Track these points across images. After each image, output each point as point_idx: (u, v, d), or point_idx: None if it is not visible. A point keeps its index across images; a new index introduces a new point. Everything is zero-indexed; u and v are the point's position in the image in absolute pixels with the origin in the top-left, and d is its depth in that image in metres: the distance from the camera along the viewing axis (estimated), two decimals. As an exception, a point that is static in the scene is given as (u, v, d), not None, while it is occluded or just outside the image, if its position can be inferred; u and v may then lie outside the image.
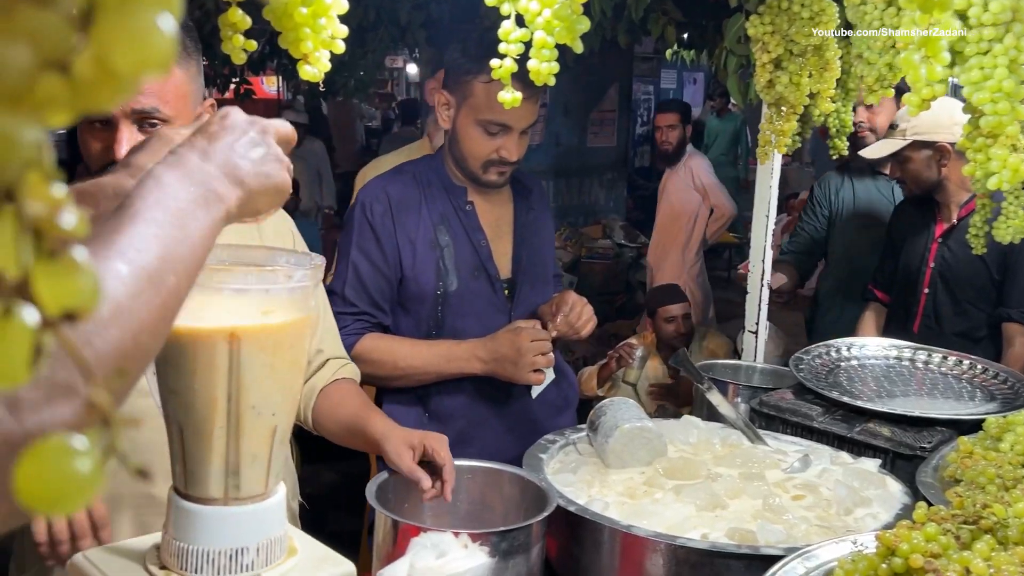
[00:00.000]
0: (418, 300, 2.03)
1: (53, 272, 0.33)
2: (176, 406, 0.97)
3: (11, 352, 0.33)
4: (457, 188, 2.06)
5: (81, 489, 0.34)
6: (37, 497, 0.33)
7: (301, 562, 1.05)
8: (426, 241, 2.01)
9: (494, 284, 2.07)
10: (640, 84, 9.06)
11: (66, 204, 0.33)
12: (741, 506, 1.60)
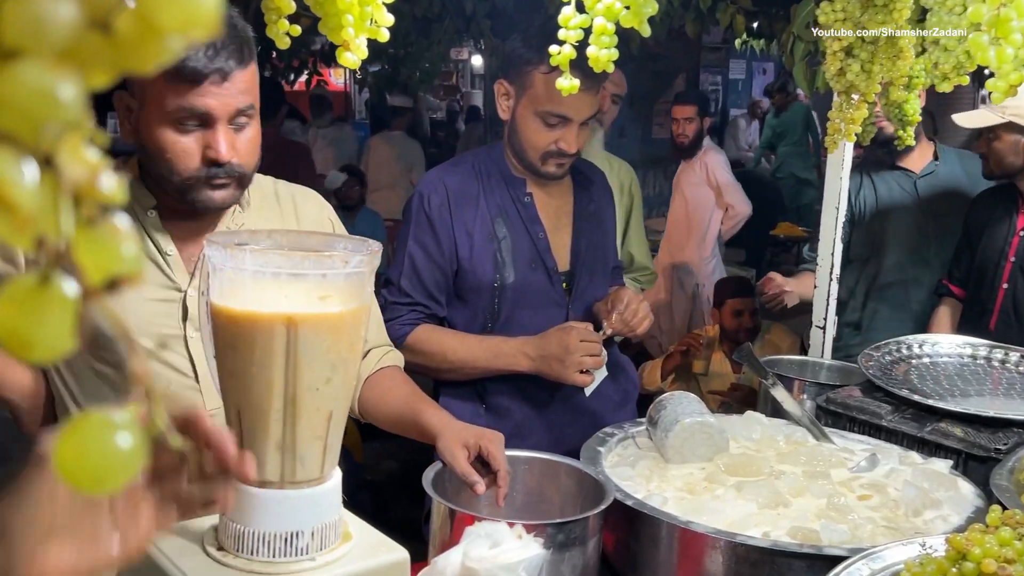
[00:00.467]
0: (475, 292, 2.02)
1: (94, 239, 0.33)
2: (234, 389, 0.98)
3: (52, 321, 0.32)
4: (516, 180, 2.05)
5: (123, 465, 0.34)
6: (78, 474, 0.33)
7: (355, 547, 1.05)
8: (484, 233, 2.01)
9: (552, 277, 2.06)
10: (708, 74, 8.93)
11: (105, 168, 0.32)
12: (804, 505, 1.56)
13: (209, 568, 0.98)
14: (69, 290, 0.33)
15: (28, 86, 0.30)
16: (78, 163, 0.32)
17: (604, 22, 1.30)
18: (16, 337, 0.32)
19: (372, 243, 1.02)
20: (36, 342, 0.32)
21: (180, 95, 1.36)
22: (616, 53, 1.39)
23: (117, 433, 0.34)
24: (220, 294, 0.97)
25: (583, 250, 2.10)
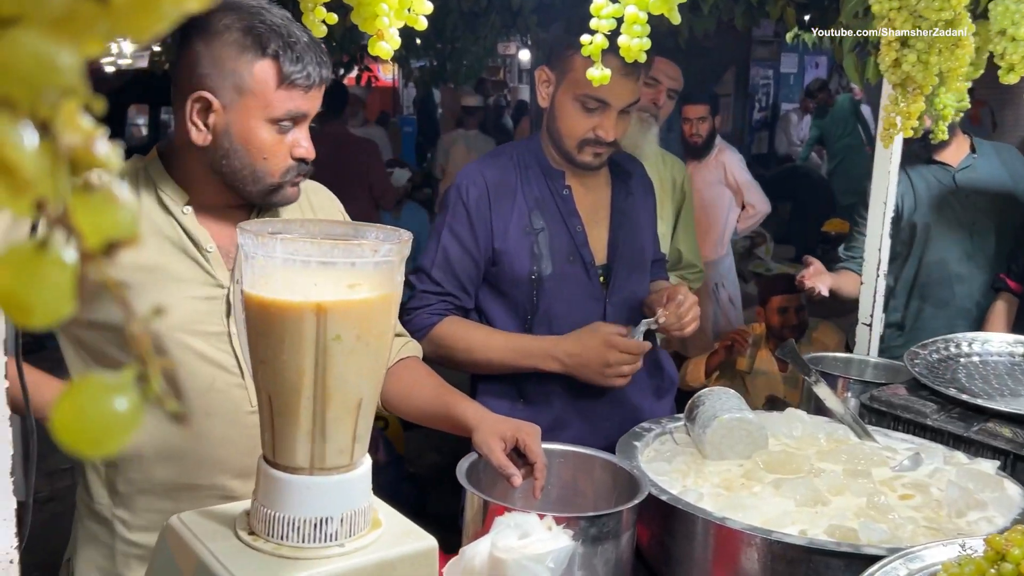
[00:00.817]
0: (512, 284, 2.02)
1: (91, 203, 0.33)
2: (265, 375, 1.00)
3: (51, 284, 0.33)
4: (555, 172, 2.05)
5: (120, 427, 0.34)
6: (75, 435, 0.33)
7: (384, 535, 1.06)
8: (521, 225, 2.00)
9: (589, 270, 2.05)
10: (759, 68, 8.81)
11: (99, 135, 0.33)
12: (844, 503, 1.53)
13: (240, 552, 1.00)
14: (67, 254, 0.33)
15: (27, 52, 0.30)
16: (74, 129, 0.33)
17: (636, 11, 1.29)
18: (15, 301, 0.33)
19: (402, 232, 1.02)
20: (35, 306, 0.33)
21: (291, 100, 1.44)
22: (648, 43, 1.38)
23: (114, 396, 0.34)
24: (252, 282, 0.98)
25: (620, 244, 2.09)
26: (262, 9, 1.46)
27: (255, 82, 1.42)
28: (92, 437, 0.33)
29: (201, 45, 1.44)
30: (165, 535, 1.05)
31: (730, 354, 3.52)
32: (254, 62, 1.42)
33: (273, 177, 1.47)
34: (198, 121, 1.43)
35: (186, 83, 1.44)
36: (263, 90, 1.42)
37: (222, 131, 1.43)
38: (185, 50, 1.45)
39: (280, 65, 1.43)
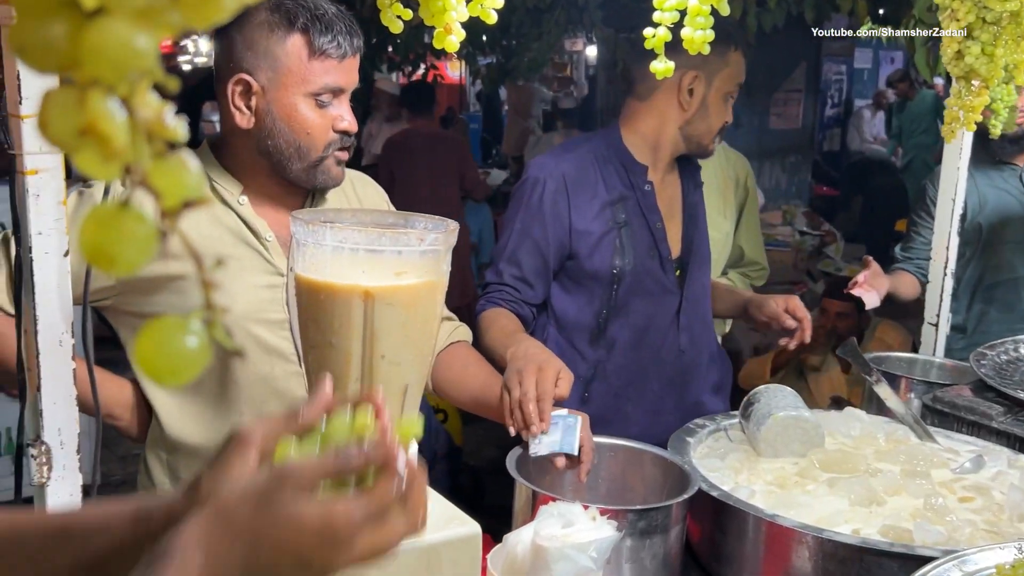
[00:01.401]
0: (592, 279, 2.01)
1: (165, 169, 0.38)
2: (315, 360, 1.02)
3: (132, 238, 0.37)
4: (639, 167, 2.04)
5: (191, 362, 0.39)
6: (154, 367, 0.38)
7: (429, 519, 1.07)
8: (603, 220, 2.00)
9: (665, 265, 2.04)
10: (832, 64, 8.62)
11: (168, 110, 0.37)
12: (900, 504, 1.50)
13: (289, 531, 1.02)
14: (147, 211, 0.38)
15: (114, 38, 0.35)
16: (147, 105, 0.37)
17: (699, 3, 1.29)
18: (101, 252, 0.37)
19: (449, 222, 1.04)
20: (118, 256, 0.37)
21: (326, 72, 1.46)
22: (712, 35, 1.37)
23: (185, 334, 0.39)
24: (303, 269, 1.00)
25: (693, 239, 2.10)
26: None
27: (288, 57, 1.45)
28: (169, 369, 0.38)
29: (234, 30, 1.47)
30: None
31: (799, 351, 3.45)
32: (285, 38, 1.45)
33: (317, 151, 1.48)
34: (240, 104, 1.47)
35: (225, 69, 1.47)
36: (297, 65, 1.44)
37: (264, 111, 1.46)
38: (221, 38, 1.49)
39: (310, 37, 1.45)
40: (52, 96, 0.36)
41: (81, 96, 0.35)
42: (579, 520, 1.19)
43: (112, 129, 0.35)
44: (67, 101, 0.35)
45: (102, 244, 0.37)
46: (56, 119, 0.35)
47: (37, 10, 0.35)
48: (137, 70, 0.35)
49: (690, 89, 1.98)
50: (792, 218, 6.90)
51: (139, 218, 0.37)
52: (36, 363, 1.18)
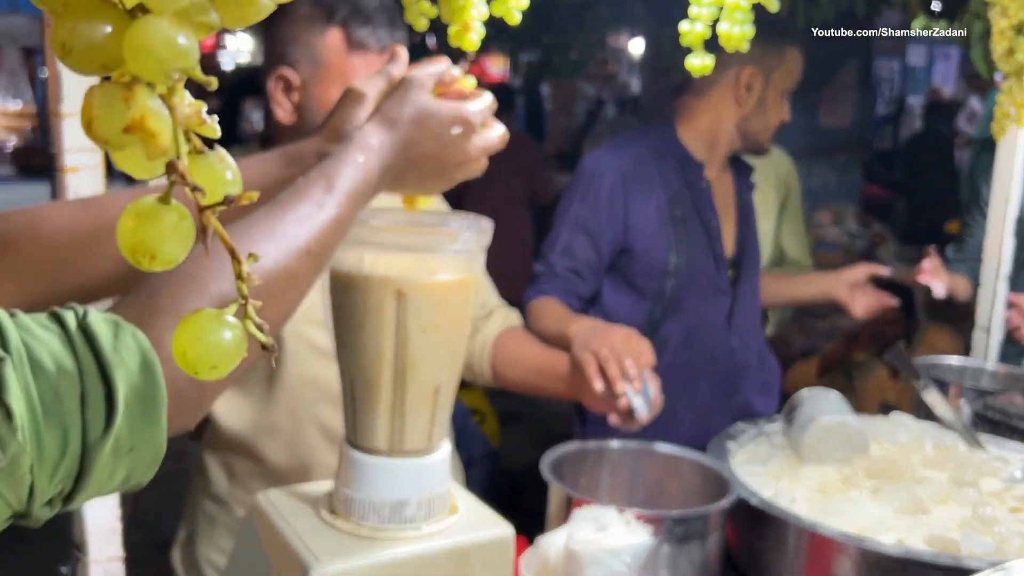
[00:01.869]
0: (645, 275, 2.01)
1: (206, 165, 0.38)
2: (348, 359, 1.02)
3: (172, 233, 0.38)
4: (695, 164, 2.03)
5: (229, 354, 0.39)
6: (190, 360, 0.39)
7: (461, 520, 1.07)
8: (659, 216, 1.99)
9: (719, 264, 2.03)
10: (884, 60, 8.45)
11: (203, 109, 0.38)
12: (946, 513, 1.46)
13: (321, 530, 1.02)
14: (185, 206, 0.38)
15: (159, 36, 0.35)
16: (186, 103, 0.38)
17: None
18: (143, 248, 0.37)
19: (483, 221, 1.03)
20: (159, 252, 0.38)
21: (366, 66, 1.44)
22: (752, 31, 1.35)
23: (223, 328, 0.39)
24: (335, 267, 1.00)
25: (746, 240, 2.09)
26: None
27: (327, 51, 1.43)
28: (207, 362, 0.39)
29: (277, 24, 1.46)
30: (252, 512, 1.09)
31: (850, 347, 3.37)
32: (324, 31, 1.43)
33: None
34: (283, 100, 1.47)
35: (268, 64, 1.47)
36: (336, 58, 1.43)
37: (304, 106, 1.46)
38: (266, 33, 1.49)
39: (349, 31, 1.43)
40: (96, 94, 0.36)
41: (126, 94, 0.36)
42: (613, 524, 1.17)
43: (159, 126, 0.36)
44: (112, 99, 0.36)
45: (143, 240, 0.37)
46: (101, 117, 0.36)
47: (79, 11, 0.35)
48: (179, 69, 0.36)
49: (748, 85, 1.97)
50: (842, 218, 6.78)
51: (180, 212, 0.37)
52: (76, 358, 1.19)
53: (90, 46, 0.35)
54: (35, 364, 0.55)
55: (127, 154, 0.37)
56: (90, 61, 0.36)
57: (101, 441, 0.57)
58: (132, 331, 0.61)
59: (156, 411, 0.61)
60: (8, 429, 0.52)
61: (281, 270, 0.74)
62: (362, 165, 0.86)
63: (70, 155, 1.14)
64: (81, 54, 0.35)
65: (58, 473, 0.56)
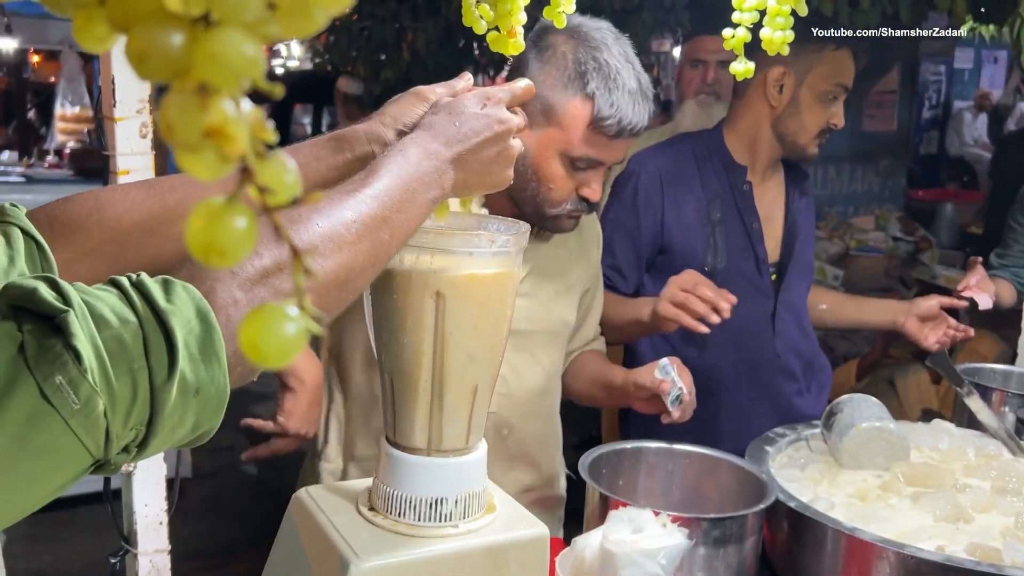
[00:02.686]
0: None
1: (271, 167, 0.41)
2: (387, 358, 1.04)
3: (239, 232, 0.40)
4: (738, 167, 2.04)
5: (290, 347, 0.41)
6: (256, 351, 0.41)
7: (498, 520, 1.08)
8: (698, 216, 2.01)
9: (760, 267, 2.04)
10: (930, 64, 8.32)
11: (263, 115, 0.40)
12: (988, 521, 1.44)
13: (360, 525, 1.04)
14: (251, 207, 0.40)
15: (232, 47, 0.38)
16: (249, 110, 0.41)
17: (778, 4, 1.27)
18: (213, 247, 0.39)
19: (521, 224, 1.04)
20: (228, 251, 0.39)
21: (595, 146, 1.48)
22: (792, 35, 1.34)
23: (287, 322, 0.41)
24: (377, 268, 1.02)
25: (794, 243, 2.08)
26: (603, 44, 1.48)
27: (566, 117, 1.46)
28: (269, 353, 0.41)
29: (532, 58, 1.49)
30: (292, 506, 1.11)
31: (886, 349, 3.32)
32: (571, 98, 1.46)
33: (553, 207, 1.52)
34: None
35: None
36: (572, 127, 1.46)
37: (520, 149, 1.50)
38: (521, 56, 1.50)
39: (596, 110, 1.45)
40: (172, 102, 0.38)
41: (203, 101, 0.38)
42: (649, 526, 1.18)
43: (237, 131, 0.38)
44: (188, 106, 0.38)
45: (214, 239, 0.39)
46: (181, 122, 0.38)
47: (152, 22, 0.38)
48: (248, 76, 0.38)
49: (779, 85, 1.96)
50: (885, 223, 6.69)
51: (247, 213, 0.39)
52: (125, 356, 1.22)
53: (166, 56, 0.38)
54: (97, 317, 0.59)
55: (197, 157, 0.39)
56: (163, 69, 0.38)
57: (167, 383, 0.61)
58: (182, 284, 0.66)
59: (215, 353, 0.65)
60: (78, 371, 0.57)
61: (327, 238, 0.79)
62: (411, 158, 0.91)
63: (123, 159, 1.18)
64: (156, 63, 0.38)
65: (131, 418, 0.60)
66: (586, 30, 1.49)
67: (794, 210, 2.10)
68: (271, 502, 1.78)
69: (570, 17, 1.50)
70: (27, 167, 5.39)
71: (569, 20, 1.48)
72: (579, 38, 1.48)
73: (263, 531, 1.12)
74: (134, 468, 1.24)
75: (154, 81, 0.40)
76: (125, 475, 1.25)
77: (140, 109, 1.15)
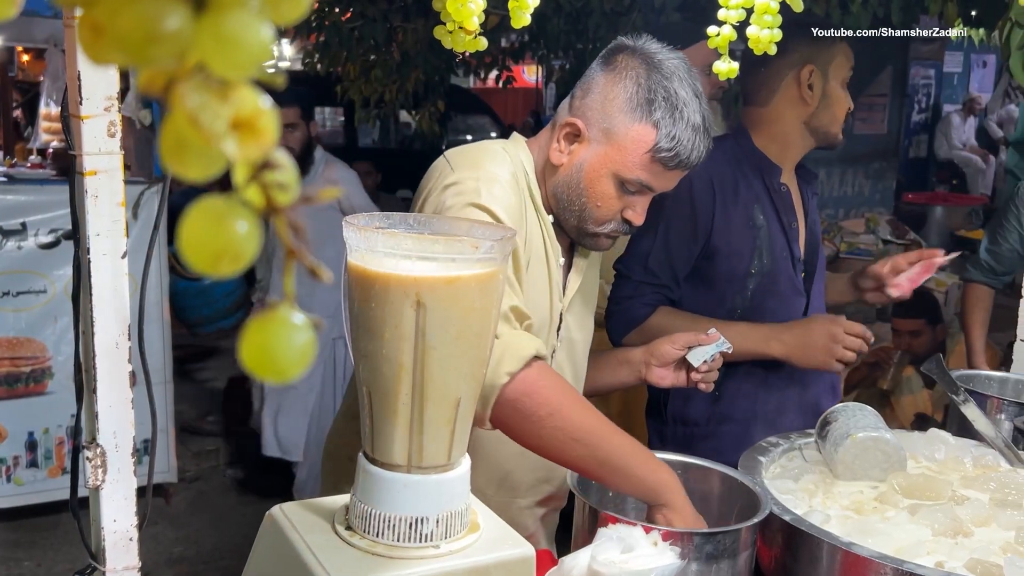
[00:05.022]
0: (727, 279, 2.00)
1: (282, 164, 0.38)
2: (367, 370, 0.99)
3: (241, 235, 0.37)
4: (775, 168, 2.04)
5: (299, 359, 0.38)
6: (258, 361, 0.38)
7: (481, 539, 1.03)
8: (744, 219, 1.99)
9: (796, 266, 2.05)
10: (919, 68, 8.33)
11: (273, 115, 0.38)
12: (988, 535, 1.40)
13: (335, 546, 0.99)
14: (254, 208, 0.38)
15: (250, 29, 0.35)
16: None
17: (765, 1, 1.23)
18: (227, 252, 0.37)
19: (507, 230, 0.99)
20: (224, 254, 0.37)
21: (650, 174, 1.50)
22: (780, 34, 1.31)
23: (294, 331, 0.38)
24: (353, 273, 0.97)
25: (816, 242, 2.12)
26: (675, 74, 1.49)
27: (626, 140, 1.47)
28: (276, 367, 0.38)
29: (600, 73, 1.50)
30: (265, 524, 1.06)
31: (872, 371, 3.33)
32: (635, 122, 1.47)
33: (595, 225, 1.55)
34: (563, 143, 1.52)
35: (573, 103, 1.53)
36: (630, 150, 1.47)
37: (576, 162, 1.51)
38: (591, 71, 1.53)
39: (657, 139, 1.46)
40: (188, 92, 0.36)
41: (224, 91, 0.35)
42: (639, 545, 1.13)
43: (268, 123, 0.36)
44: (210, 96, 0.35)
45: (225, 244, 0.36)
46: (205, 114, 0.35)
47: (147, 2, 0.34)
48: (263, 61, 0.36)
49: (810, 84, 1.98)
50: (875, 226, 6.68)
51: (247, 214, 0.37)
52: (93, 365, 1.17)
53: (165, 39, 0.34)
54: None
55: (189, 156, 0.36)
56: (165, 54, 0.35)
57: None
58: None
59: None
60: None
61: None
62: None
63: (89, 158, 1.13)
64: (158, 48, 0.34)
65: None
66: (661, 58, 1.50)
67: (811, 209, 2.13)
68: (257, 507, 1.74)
69: (648, 44, 1.49)
70: (9, 167, 5.33)
71: (646, 47, 1.48)
72: (653, 65, 1.48)
73: (249, 536, 1.07)
74: (102, 482, 1.19)
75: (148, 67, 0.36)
76: (92, 489, 1.20)
77: (108, 107, 1.10)
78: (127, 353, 1.19)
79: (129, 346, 1.19)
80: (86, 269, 1.15)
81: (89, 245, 1.14)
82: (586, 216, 1.55)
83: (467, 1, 1.20)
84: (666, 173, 1.51)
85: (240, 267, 0.37)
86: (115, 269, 1.16)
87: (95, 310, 1.15)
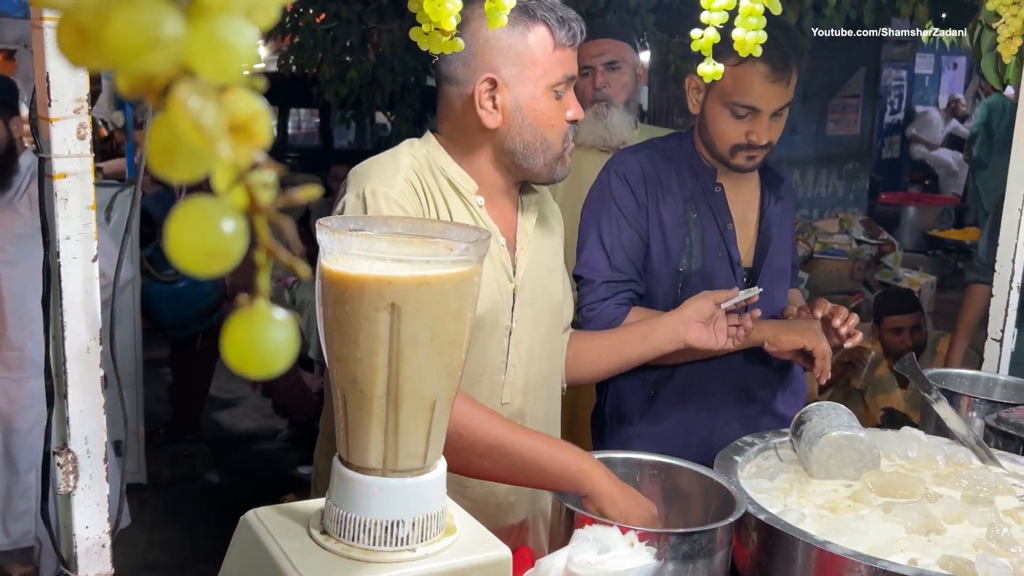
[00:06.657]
0: (657, 277, 2.00)
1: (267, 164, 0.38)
2: (341, 373, 0.98)
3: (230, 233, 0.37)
4: (707, 169, 2.03)
5: (281, 352, 0.38)
6: (240, 357, 0.38)
7: (458, 542, 1.03)
8: (675, 217, 1.99)
9: (735, 269, 2.02)
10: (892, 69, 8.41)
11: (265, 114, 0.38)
12: (961, 532, 1.41)
13: (310, 550, 0.99)
14: (239, 205, 0.38)
15: (240, 34, 0.36)
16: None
17: (751, 3, 1.23)
18: (218, 252, 0.37)
19: (481, 231, 0.99)
20: (231, 253, 0.37)
21: (564, 62, 1.53)
22: (764, 36, 1.31)
23: (274, 325, 0.38)
24: (327, 276, 0.97)
25: (768, 247, 2.06)
26: None
27: (533, 50, 1.50)
28: (254, 360, 0.37)
29: (474, 31, 1.50)
30: (240, 529, 1.05)
31: (845, 371, 3.35)
32: (528, 32, 1.50)
33: (557, 145, 1.56)
34: (487, 104, 1.51)
35: (465, 73, 1.51)
36: (542, 56, 1.50)
37: (512, 108, 1.52)
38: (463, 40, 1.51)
39: (552, 29, 1.50)
40: (187, 95, 0.36)
41: (220, 94, 0.36)
42: (616, 546, 1.13)
43: (262, 125, 0.36)
44: (207, 99, 0.36)
45: (216, 243, 0.36)
46: (207, 117, 0.35)
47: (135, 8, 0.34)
48: (250, 65, 0.36)
49: (695, 90, 1.98)
50: (849, 226, 6.74)
51: (233, 212, 0.37)
52: (63, 370, 1.16)
53: (158, 44, 0.34)
54: None
55: (176, 158, 0.36)
56: (159, 61, 0.35)
57: None
58: None
59: None
60: None
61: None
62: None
63: (59, 161, 1.11)
64: (151, 55, 0.34)
65: None
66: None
67: (769, 214, 2.08)
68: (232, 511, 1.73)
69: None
70: (-21, 169, 5.25)
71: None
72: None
73: (224, 541, 1.06)
74: (74, 488, 1.17)
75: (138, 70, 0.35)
76: (64, 495, 1.18)
77: (78, 109, 1.09)
78: (98, 358, 1.18)
79: (101, 350, 1.18)
80: (56, 273, 1.14)
81: (59, 249, 1.13)
82: (549, 141, 1.55)
83: (444, 2, 1.20)
84: (573, 55, 1.55)
85: (229, 265, 0.37)
86: (86, 273, 1.15)
87: (65, 314, 1.14)
